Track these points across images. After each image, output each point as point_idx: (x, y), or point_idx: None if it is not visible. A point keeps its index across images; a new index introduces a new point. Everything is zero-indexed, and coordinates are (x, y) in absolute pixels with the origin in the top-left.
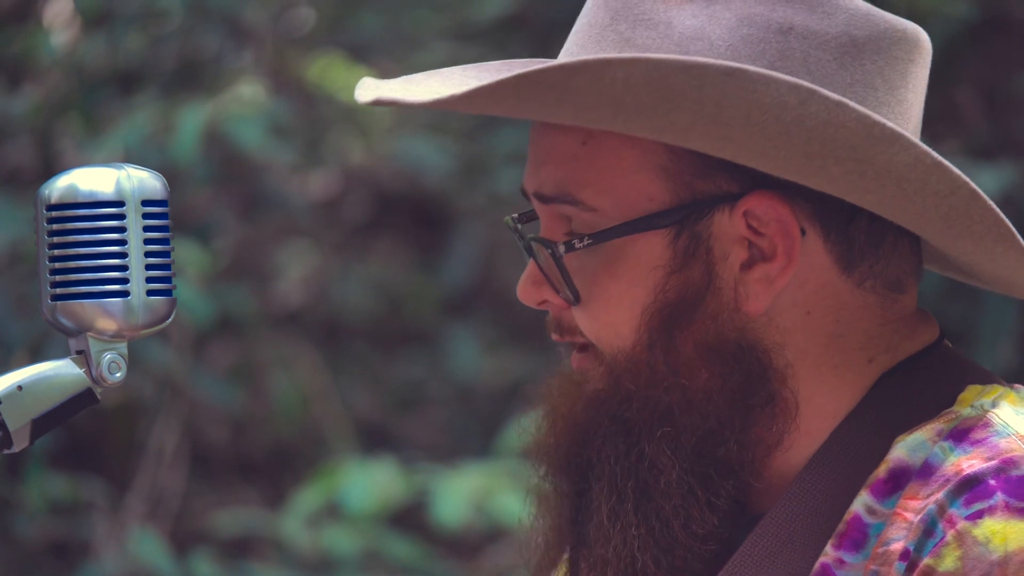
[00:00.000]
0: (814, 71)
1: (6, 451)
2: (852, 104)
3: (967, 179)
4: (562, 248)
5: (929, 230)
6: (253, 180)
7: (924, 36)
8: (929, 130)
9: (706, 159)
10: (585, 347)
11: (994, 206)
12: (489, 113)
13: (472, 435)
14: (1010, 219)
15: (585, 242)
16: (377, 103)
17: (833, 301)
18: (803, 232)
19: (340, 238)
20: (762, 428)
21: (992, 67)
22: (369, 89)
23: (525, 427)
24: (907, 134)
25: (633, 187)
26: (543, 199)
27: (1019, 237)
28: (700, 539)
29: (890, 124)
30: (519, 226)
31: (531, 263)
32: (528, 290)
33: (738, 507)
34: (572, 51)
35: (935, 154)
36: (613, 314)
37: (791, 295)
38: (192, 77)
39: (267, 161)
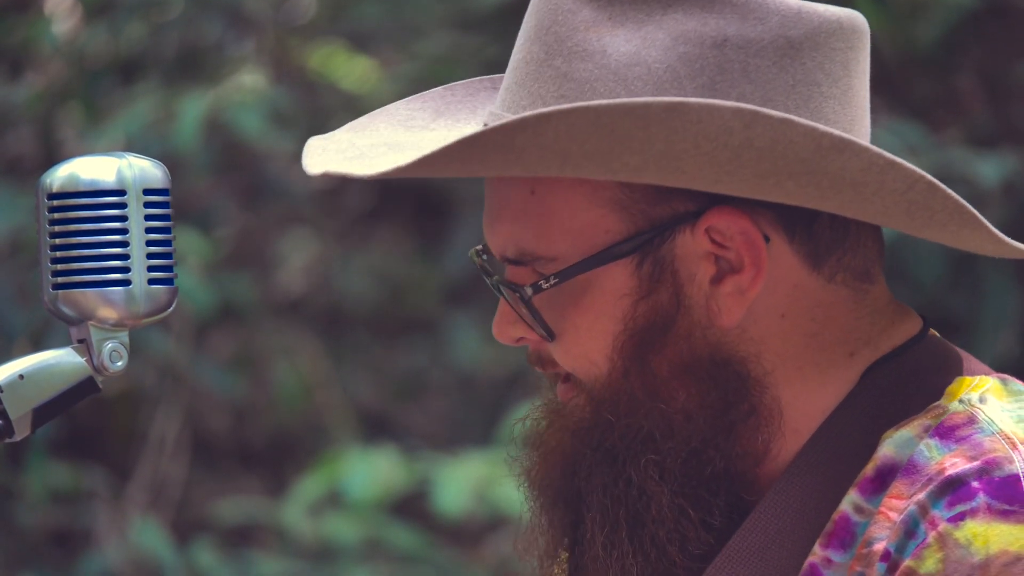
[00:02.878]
0: (755, 79)
1: (7, 440)
2: (797, 119)
3: (923, 173)
4: (529, 291)
5: (894, 224)
6: (254, 169)
7: (860, 20)
8: (930, 118)
9: (659, 186)
10: (568, 376)
11: (953, 194)
12: (438, 176)
13: (473, 424)
14: (1012, 207)
15: (551, 282)
16: (325, 175)
17: (806, 300)
18: (767, 239)
19: (341, 227)
20: (747, 440)
21: (993, 55)
22: (316, 154)
23: (516, 457)
24: (856, 139)
25: (587, 224)
26: (509, 262)
27: (983, 219)
28: (698, 559)
29: (837, 132)
30: (484, 259)
31: (502, 302)
32: (504, 329)
33: (733, 522)
34: (511, 88)
35: (887, 154)
36: (585, 346)
37: (764, 301)
38: (193, 66)
39: (268, 149)
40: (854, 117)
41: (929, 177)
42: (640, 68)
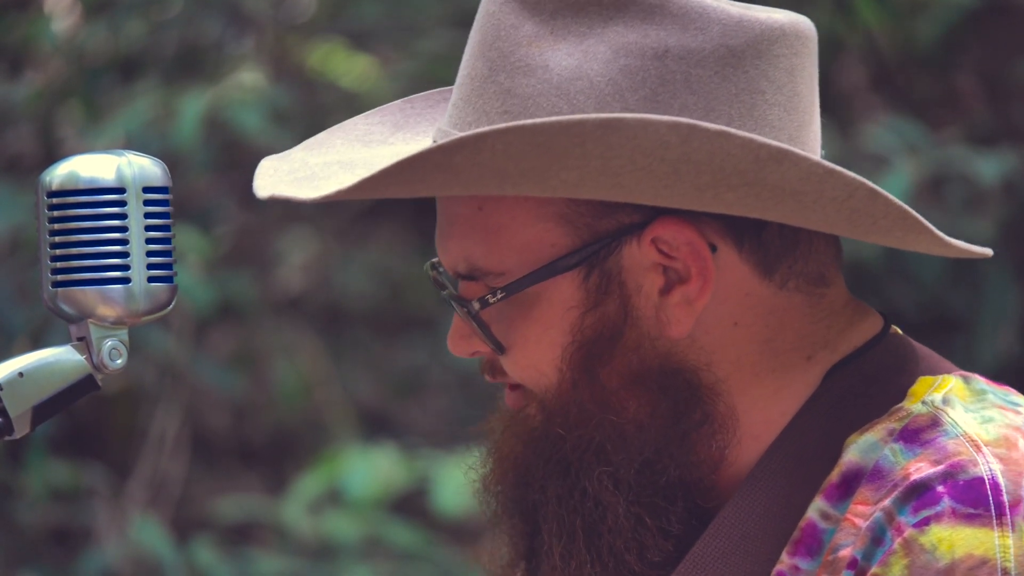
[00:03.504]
0: (697, 89)
1: (7, 438)
2: (734, 131)
3: (863, 180)
4: (477, 305)
5: (838, 231)
6: (254, 166)
7: (805, 24)
8: (930, 116)
9: (604, 200)
10: (518, 384)
11: (896, 200)
12: (382, 197)
13: (473, 421)
14: (1011, 205)
15: (498, 296)
16: (272, 199)
17: (759, 308)
18: (714, 248)
19: (341, 225)
20: (702, 448)
21: (993, 53)
22: (267, 176)
23: (474, 465)
24: (794, 149)
25: (533, 239)
26: (460, 277)
27: (927, 223)
28: (658, 567)
29: (775, 143)
30: (439, 272)
31: (456, 316)
32: (458, 343)
33: (692, 529)
34: (458, 105)
35: (827, 163)
36: (534, 358)
37: (715, 311)
38: (193, 64)
39: (268, 147)
40: (801, 123)
41: (870, 184)
42: (582, 82)
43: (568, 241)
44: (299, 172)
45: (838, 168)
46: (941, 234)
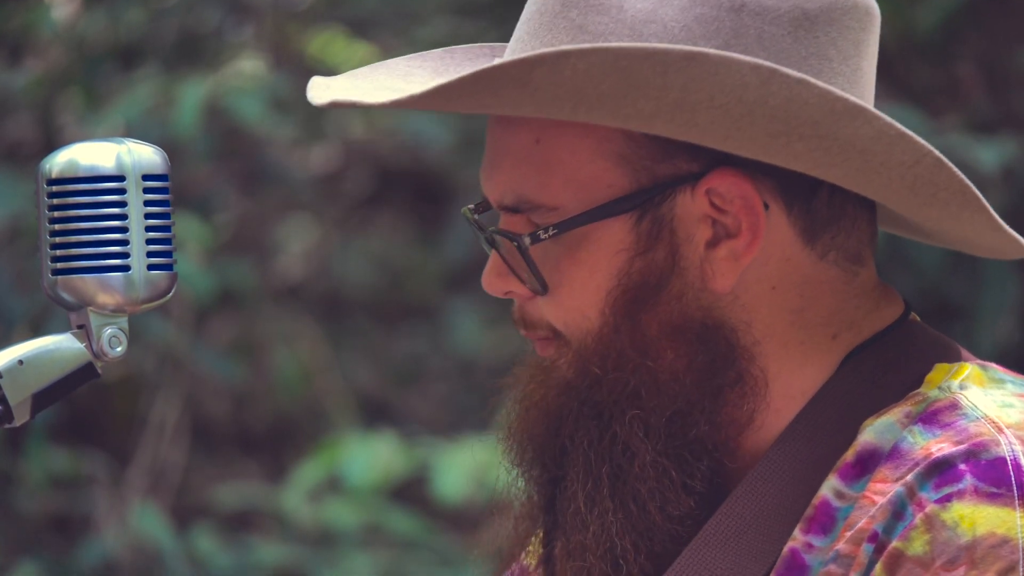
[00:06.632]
0: (769, 47)
1: (7, 425)
2: (813, 81)
3: (931, 147)
4: (527, 240)
5: (895, 200)
6: (254, 154)
7: (873, 3)
8: (930, 105)
9: (665, 142)
10: (550, 337)
11: (959, 173)
12: (446, 110)
13: (473, 409)
14: (1011, 193)
15: (550, 233)
16: (333, 105)
17: (797, 275)
18: (766, 207)
19: (341, 213)
20: (733, 407)
21: (993, 42)
22: (321, 88)
23: (496, 414)
24: (869, 107)
25: (591, 177)
26: (506, 210)
27: (984, 201)
28: (677, 521)
29: (852, 98)
30: (477, 216)
31: (494, 254)
32: (493, 281)
33: (716, 488)
34: (523, 39)
35: (898, 125)
36: (578, 299)
37: (756, 271)
38: (193, 52)
39: (268, 135)
40: (861, 97)
41: (937, 153)
42: (656, 25)
43: (625, 183)
44: (352, 92)
45: (908, 132)
46: (996, 215)
